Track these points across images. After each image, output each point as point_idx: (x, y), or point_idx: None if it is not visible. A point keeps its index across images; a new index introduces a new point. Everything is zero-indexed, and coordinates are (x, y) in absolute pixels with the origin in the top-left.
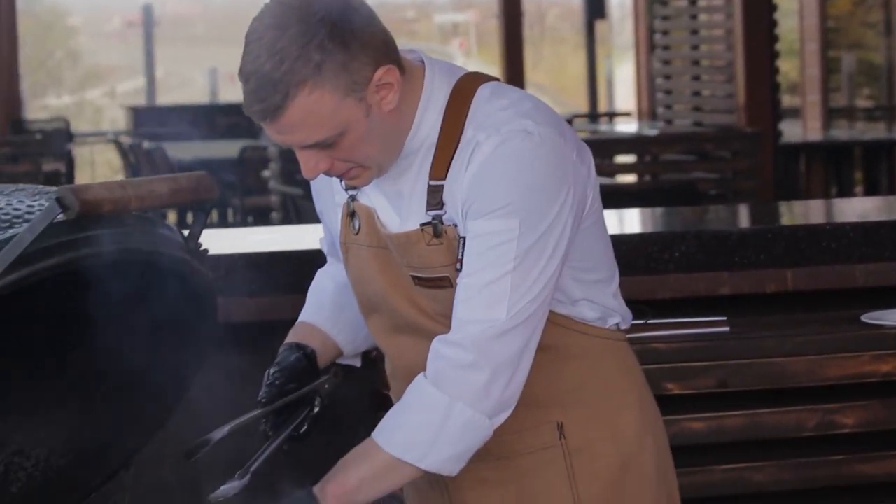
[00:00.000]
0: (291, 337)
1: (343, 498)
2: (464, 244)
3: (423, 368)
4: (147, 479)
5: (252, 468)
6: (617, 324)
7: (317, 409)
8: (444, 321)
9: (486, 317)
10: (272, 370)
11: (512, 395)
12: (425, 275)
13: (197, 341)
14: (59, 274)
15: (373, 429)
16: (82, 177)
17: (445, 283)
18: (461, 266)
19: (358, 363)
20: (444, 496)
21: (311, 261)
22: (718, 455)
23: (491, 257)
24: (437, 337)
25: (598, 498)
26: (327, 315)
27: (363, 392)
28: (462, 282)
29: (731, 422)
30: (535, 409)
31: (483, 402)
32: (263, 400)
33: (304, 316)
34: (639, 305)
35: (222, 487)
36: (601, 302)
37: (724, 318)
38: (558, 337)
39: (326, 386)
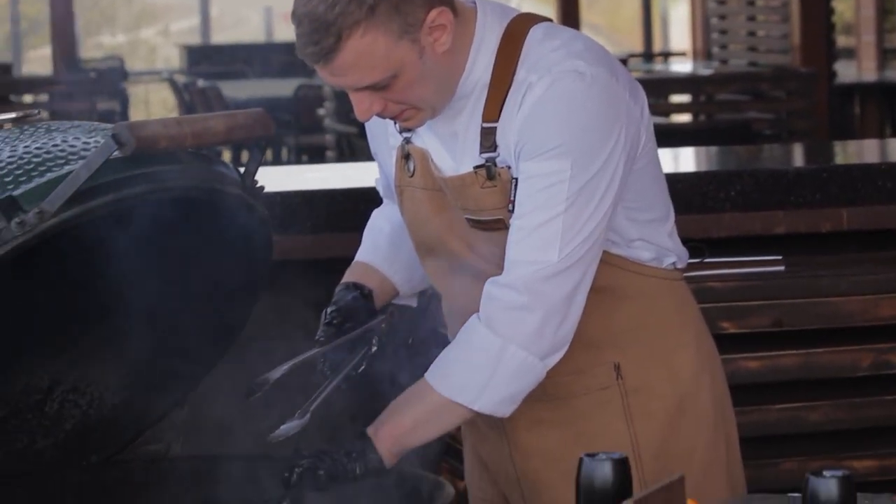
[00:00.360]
0: (348, 276)
1: (398, 440)
2: (516, 186)
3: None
4: (201, 418)
5: (311, 408)
6: (673, 263)
7: (374, 349)
8: (500, 262)
9: (538, 258)
10: (329, 309)
11: (565, 336)
12: (480, 217)
13: (252, 278)
14: (115, 211)
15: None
16: (136, 115)
17: (500, 226)
18: (513, 207)
19: (414, 303)
20: (501, 437)
21: (367, 198)
22: (774, 394)
23: (542, 199)
24: (490, 279)
25: (655, 437)
26: (384, 255)
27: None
28: (514, 223)
29: (787, 361)
30: (591, 350)
31: (536, 343)
32: (321, 339)
33: (360, 256)
34: (695, 244)
35: (281, 427)
36: (657, 241)
37: (780, 258)
38: (614, 278)
39: (383, 325)
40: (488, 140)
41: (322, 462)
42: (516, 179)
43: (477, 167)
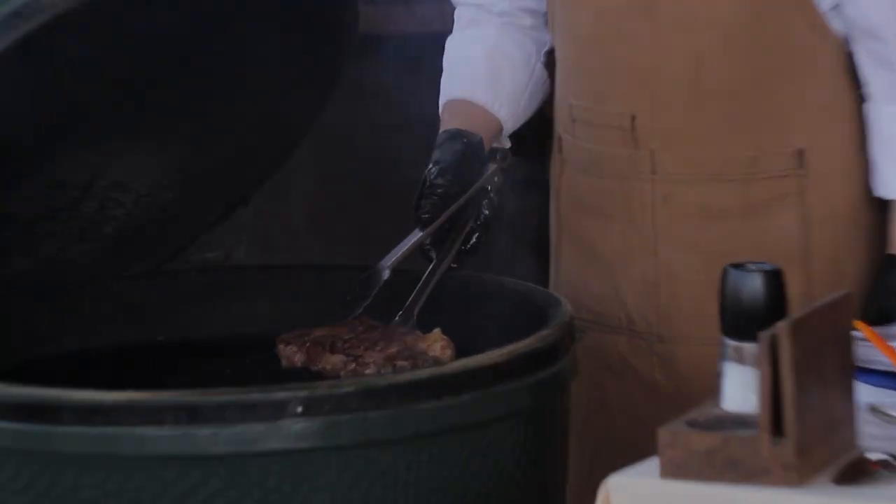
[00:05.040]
0: (448, 121)
1: None
2: None
3: None
4: (267, 221)
5: (416, 310)
6: None
7: (487, 213)
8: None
9: None
10: (432, 170)
11: None
12: None
13: (332, 57)
14: None
15: None
16: None
17: None
18: None
19: (509, 144)
20: (649, 230)
21: None
22: None
23: None
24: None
25: (829, 240)
26: (484, 87)
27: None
28: None
29: None
30: (777, 127)
31: None
32: (425, 216)
33: (453, 91)
34: None
35: None
36: None
37: None
38: (815, 43)
39: (496, 179)
40: None
41: None
42: None
43: None
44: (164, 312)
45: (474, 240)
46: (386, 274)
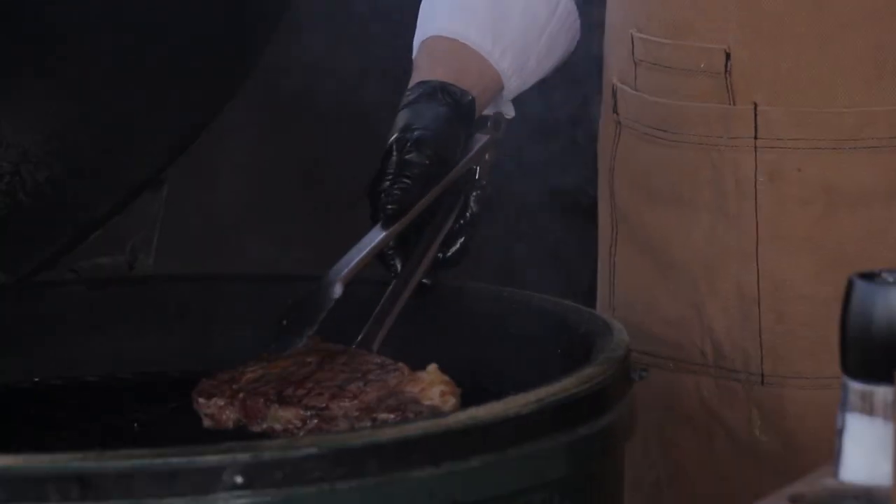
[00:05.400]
0: (427, 69)
1: None
2: None
3: None
4: (191, 209)
5: (375, 345)
6: None
7: (474, 207)
8: None
9: None
10: (402, 140)
11: None
12: None
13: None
14: None
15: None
16: None
17: None
18: None
19: (511, 112)
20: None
21: None
22: None
23: None
24: None
25: None
26: (482, 22)
27: None
28: None
29: None
30: None
31: None
32: (391, 209)
33: (436, 26)
34: None
35: None
36: None
37: None
38: None
39: (487, 156)
40: None
41: None
42: None
43: None
44: (40, 342)
45: (458, 245)
46: (337, 290)
